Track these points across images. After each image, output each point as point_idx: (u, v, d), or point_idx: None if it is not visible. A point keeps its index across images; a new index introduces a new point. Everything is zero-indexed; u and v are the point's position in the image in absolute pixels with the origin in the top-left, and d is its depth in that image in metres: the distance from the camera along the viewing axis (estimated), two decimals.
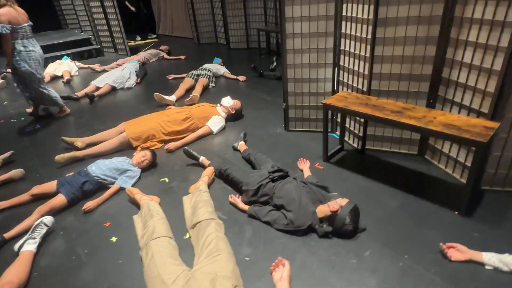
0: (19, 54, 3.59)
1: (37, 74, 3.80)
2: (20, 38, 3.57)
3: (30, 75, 3.73)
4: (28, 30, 3.64)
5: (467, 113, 2.26)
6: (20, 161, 3.21)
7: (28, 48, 3.64)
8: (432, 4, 2.23)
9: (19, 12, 3.55)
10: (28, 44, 3.64)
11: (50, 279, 1.91)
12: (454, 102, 2.35)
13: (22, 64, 3.64)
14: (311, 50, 2.95)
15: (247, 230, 2.15)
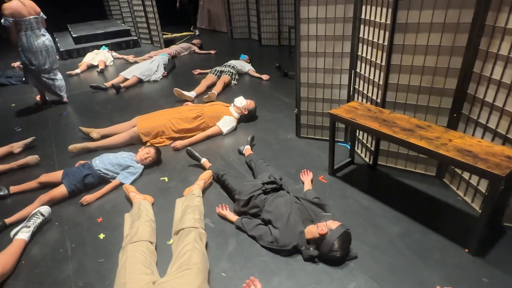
0: (21, 46, 3.85)
1: (40, 65, 4.00)
2: (24, 30, 3.79)
3: (29, 65, 3.96)
4: (34, 22, 3.84)
5: (492, 138, 1.96)
6: (40, 147, 3.37)
7: (30, 40, 3.84)
8: (460, 9, 1.95)
9: (26, 5, 3.75)
10: (31, 35, 3.84)
11: (34, 270, 1.96)
12: (478, 123, 2.05)
13: (22, 54, 3.89)
14: (326, 54, 2.75)
15: (231, 243, 2.06)
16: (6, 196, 2.62)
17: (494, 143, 1.90)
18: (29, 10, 3.80)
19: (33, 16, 3.83)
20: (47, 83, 4.21)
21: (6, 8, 3.67)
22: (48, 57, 4.06)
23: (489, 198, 1.65)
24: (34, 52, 3.92)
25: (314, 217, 2.00)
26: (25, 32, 3.83)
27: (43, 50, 3.98)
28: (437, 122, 2.31)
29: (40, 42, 3.94)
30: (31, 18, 3.81)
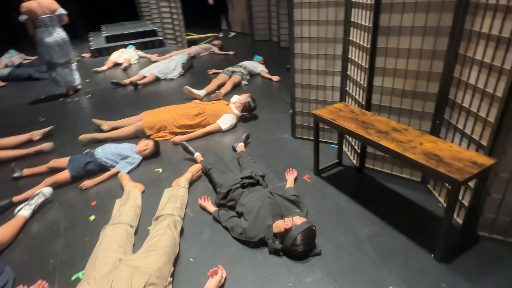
0: (37, 40, 4.39)
1: (52, 58, 4.51)
2: (39, 27, 4.28)
3: (44, 58, 4.53)
4: (47, 20, 4.30)
5: (468, 144, 1.92)
6: (57, 136, 3.68)
7: (43, 35, 4.32)
8: (440, 13, 1.93)
9: (41, 6, 4.20)
10: (44, 32, 4.32)
11: (29, 243, 2.19)
12: (457, 129, 2.01)
13: (38, 48, 4.43)
14: (319, 56, 2.79)
15: (206, 232, 2.17)
16: (20, 177, 2.91)
17: (468, 149, 1.87)
18: (43, 10, 4.22)
19: (46, 15, 4.26)
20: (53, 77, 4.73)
21: (22, 7, 4.17)
22: (60, 52, 4.52)
23: (448, 203, 1.63)
24: (46, 47, 4.39)
25: (284, 212, 2.07)
26: (40, 29, 4.32)
27: (55, 45, 4.44)
28: (421, 127, 2.28)
29: (52, 38, 4.38)
30: (44, 17, 4.25)
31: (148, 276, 1.61)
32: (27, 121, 4.16)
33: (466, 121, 1.92)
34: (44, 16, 4.27)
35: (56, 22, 4.38)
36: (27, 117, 4.32)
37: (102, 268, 1.68)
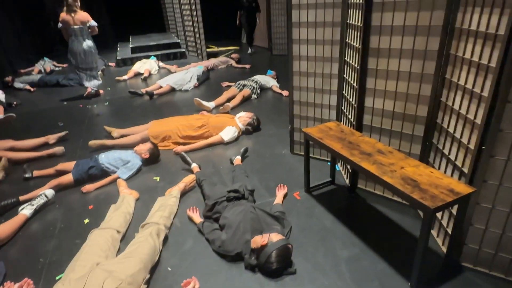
0: (69, 47, 5.03)
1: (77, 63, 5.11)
2: (70, 36, 4.91)
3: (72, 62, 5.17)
4: (78, 31, 4.91)
5: (452, 171, 1.87)
6: (70, 140, 3.90)
7: (73, 44, 4.95)
8: (427, 36, 1.91)
9: (74, 18, 4.78)
10: (74, 40, 4.94)
11: (25, 241, 2.33)
12: (443, 154, 1.96)
13: (68, 53, 5.08)
14: (316, 74, 2.81)
15: (188, 243, 2.22)
16: (30, 178, 3.11)
17: (451, 175, 1.82)
18: (75, 21, 4.81)
19: (77, 26, 4.84)
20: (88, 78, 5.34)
21: (60, 17, 4.82)
22: (85, 59, 5.10)
23: (421, 231, 1.59)
24: (74, 53, 5.03)
25: (265, 228, 2.08)
26: (71, 37, 4.94)
27: (81, 53, 5.03)
28: (411, 150, 2.24)
29: (79, 47, 4.98)
30: (75, 28, 4.85)
31: (119, 281, 1.68)
32: (48, 125, 4.44)
33: (451, 147, 1.87)
34: (75, 27, 4.88)
35: (85, 33, 4.96)
36: (48, 121, 4.61)
37: (80, 270, 1.76)
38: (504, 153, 1.54)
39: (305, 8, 2.63)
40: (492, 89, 1.48)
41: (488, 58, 1.52)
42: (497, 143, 1.53)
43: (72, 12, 4.83)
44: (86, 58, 5.10)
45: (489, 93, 1.50)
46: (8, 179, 3.16)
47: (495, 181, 1.60)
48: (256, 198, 2.61)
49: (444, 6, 1.78)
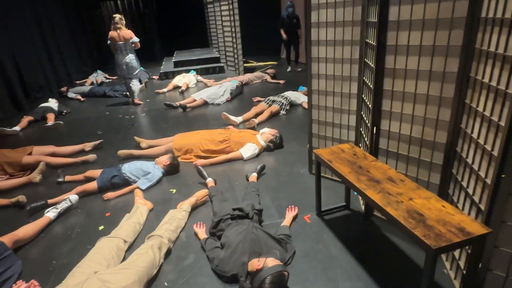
0: (115, 59, 5.77)
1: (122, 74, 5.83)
2: (116, 50, 5.61)
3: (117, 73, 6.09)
4: (122, 46, 5.58)
5: (470, 206, 1.67)
6: (104, 148, 4.16)
7: (118, 57, 5.65)
8: (446, 57, 1.76)
9: (120, 35, 5.44)
10: (119, 55, 5.64)
11: (46, 243, 2.50)
12: (462, 187, 1.76)
13: (115, 65, 5.86)
14: (335, 93, 2.72)
15: (189, 258, 2.22)
16: (62, 182, 3.35)
17: (468, 212, 1.62)
18: (120, 38, 5.43)
19: (122, 42, 5.48)
20: (127, 86, 6.04)
21: (109, 34, 5.54)
22: (127, 70, 5.76)
23: (424, 272, 1.43)
24: (118, 65, 5.75)
25: (264, 251, 2.01)
26: (117, 52, 5.63)
27: (124, 65, 5.72)
28: (430, 179, 2.05)
29: (123, 60, 5.66)
30: (120, 44, 5.48)
31: None
32: (88, 132, 4.79)
33: (469, 179, 1.67)
34: (120, 43, 5.52)
35: (129, 47, 5.59)
36: (90, 129, 4.97)
37: (78, 277, 1.84)
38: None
39: (324, 26, 2.57)
40: (509, 117, 1.30)
41: (506, 83, 1.35)
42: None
43: (118, 29, 5.45)
44: (129, 69, 5.76)
45: (505, 122, 1.33)
46: (44, 182, 3.43)
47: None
48: (265, 218, 2.56)
49: (463, 25, 1.63)
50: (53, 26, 8.20)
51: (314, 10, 2.58)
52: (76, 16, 9.87)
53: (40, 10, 7.65)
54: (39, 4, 7.59)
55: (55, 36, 8.22)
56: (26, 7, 7.11)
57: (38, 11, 7.53)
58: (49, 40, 7.86)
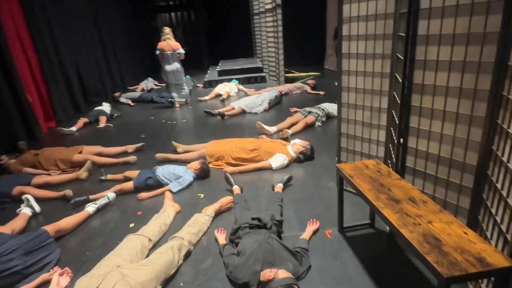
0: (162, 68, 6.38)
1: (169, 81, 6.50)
2: (163, 59, 6.23)
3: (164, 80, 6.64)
4: (170, 56, 6.24)
5: (497, 236, 1.53)
6: (145, 151, 4.44)
7: (165, 65, 6.29)
8: (477, 74, 1.65)
9: (169, 44, 6.01)
10: (166, 62, 6.28)
11: (83, 235, 2.73)
12: (491, 214, 1.63)
13: (162, 73, 6.46)
14: (365, 107, 2.66)
15: (207, 262, 2.29)
16: (104, 180, 3.64)
17: (495, 242, 1.50)
18: (168, 48, 5.99)
19: (170, 52, 6.06)
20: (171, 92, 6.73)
21: (158, 45, 6.17)
22: (174, 77, 6.45)
23: None
24: (166, 73, 6.41)
25: (277, 262, 2.02)
26: (164, 60, 6.26)
27: (171, 73, 6.40)
28: (459, 202, 1.91)
29: (169, 68, 6.33)
30: (168, 53, 6.06)
31: (129, 286, 1.83)
32: (133, 135, 5.15)
33: (498, 205, 1.54)
34: (168, 52, 6.10)
35: (175, 57, 6.18)
36: (135, 132, 5.34)
37: (103, 268, 1.99)
38: None
39: (355, 39, 2.54)
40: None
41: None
42: None
43: (168, 40, 6.03)
44: (175, 76, 6.48)
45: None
46: (89, 178, 3.75)
47: None
48: (285, 229, 2.56)
49: (496, 40, 1.53)
50: (112, 37, 8.97)
51: (345, 24, 2.56)
52: (133, 26, 10.70)
53: (101, 22, 8.43)
54: (100, 17, 8.37)
55: (114, 46, 8.99)
56: (89, 20, 7.89)
57: (99, 23, 8.31)
58: (108, 50, 8.61)
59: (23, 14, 5.58)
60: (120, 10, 9.86)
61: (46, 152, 4.07)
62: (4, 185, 3.38)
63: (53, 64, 6.21)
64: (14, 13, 5.35)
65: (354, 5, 2.45)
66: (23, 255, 2.27)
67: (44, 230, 2.49)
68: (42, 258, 2.36)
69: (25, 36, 5.60)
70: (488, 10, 1.55)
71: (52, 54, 6.17)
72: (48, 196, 3.31)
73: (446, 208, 1.94)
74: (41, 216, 3.07)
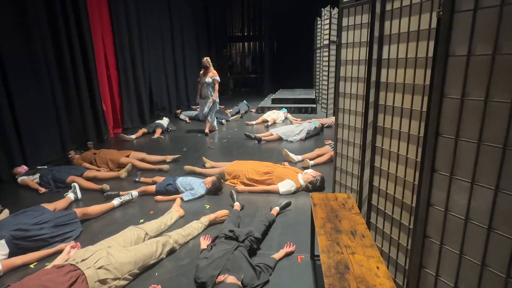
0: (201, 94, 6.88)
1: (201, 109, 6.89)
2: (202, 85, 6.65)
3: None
4: (205, 84, 6.62)
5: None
6: (180, 162, 5.03)
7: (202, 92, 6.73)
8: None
9: (204, 73, 6.52)
10: (203, 90, 6.70)
11: (103, 221, 3.31)
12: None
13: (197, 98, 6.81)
14: (355, 144, 2.78)
15: (184, 260, 2.64)
16: (137, 182, 4.26)
17: (390, 279, 1.55)
18: (205, 75, 6.48)
19: (204, 80, 6.47)
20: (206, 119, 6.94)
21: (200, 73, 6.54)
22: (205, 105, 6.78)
23: None
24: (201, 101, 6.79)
25: (234, 270, 2.25)
26: (203, 86, 6.66)
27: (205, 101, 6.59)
28: (409, 245, 1.94)
29: (204, 94, 6.68)
30: (206, 80, 6.49)
31: (109, 262, 2.27)
32: (177, 148, 5.83)
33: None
34: (204, 79, 6.57)
35: (212, 85, 6.53)
36: (179, 145, 6.03)
37: (98, 246, 2.45)
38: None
39: (349, 81, 2.73)
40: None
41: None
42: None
43: (207, 69, 6.58)
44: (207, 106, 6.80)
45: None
46: (127, 178, 4.42)
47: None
48: (263, 247, 2.77)
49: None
50: (185, 59, 10.22)
51: (342, 66, 2.78)
52: (206, 52, 11.97)
53: (178, 45, 9.70)
54: (177, 41, 9.66)
55: (185, 67, 10.21)
56: (167, 43, 9.16)
57: (175, 47, 9.58)
58: (179, 70, 9.83)
59: (113, 37, 6.86)
60: (197, 36, 11.19)
61: (102, 152, 4.92)
62: (63, 173, 4.22)
63: (129, 81, 7.41)
64: (105, 36, 6.63)
65: (350, 50, 2.67)
66: (52, 227, 2.89)
67: (73, 211, 3.12)
68: (66, 232, 2.96)
69: (111, 55, 6.85)
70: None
71: (129, 72, 7.37)
72: (91, 187, 4.03)
73: (391, 245, 1.99)
74: (81, 202, 3.76)
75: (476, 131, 1.21)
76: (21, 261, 2.58)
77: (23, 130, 4.73)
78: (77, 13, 5.68)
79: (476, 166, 1.22)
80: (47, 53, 5.15)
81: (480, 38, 1.19)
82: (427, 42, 1.67)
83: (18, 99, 4.65)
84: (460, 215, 1.30)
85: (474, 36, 1.20)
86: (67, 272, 2.10)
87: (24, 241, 2.71)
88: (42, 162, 4.90)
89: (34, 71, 4.95)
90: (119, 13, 6.96)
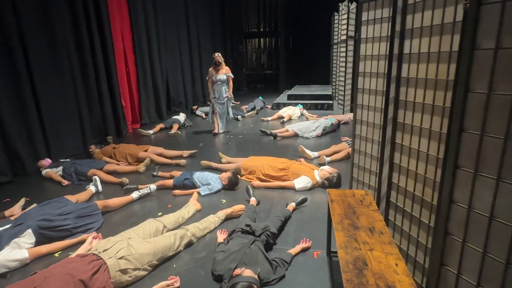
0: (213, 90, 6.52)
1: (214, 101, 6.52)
2: (214, 83, 6.33)
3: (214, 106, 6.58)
4: (218, 81, 6.29)
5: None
6: (196, 157, 5.09)
7: (214, 88, 6.38)
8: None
9: (216, 70, 6.27)
10: (215, 87, 6.36)
11: (122, 213, 3.39)
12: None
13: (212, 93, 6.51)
14: (374, 141, 2.75)
15: (201, 253, 2.68)
16: (155, 176, 4.34)
17: (411, 277, 1.53)
18: (215, 73, 6.25)
19: (219, 76, 6.25)
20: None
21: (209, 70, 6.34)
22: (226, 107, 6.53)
23: None
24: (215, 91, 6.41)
25: (250, 263, 2.28)
26: (215, 84, 6.35)
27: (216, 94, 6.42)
28: (428, 243, 1.91)
29: (216, 88, 6.35)
30: (217, 77, 6.24)
31: (129, 253, 2.33)
32: (194, 143, 5.91)
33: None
34: (217, 77, 6.30)
35: (225, 82, 6.34)
36: (196, 140, 6.11)
37: (118, 237, 2.52)
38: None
39: (368, 76, 2.69)
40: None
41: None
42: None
43: (218, 65, 6.28)
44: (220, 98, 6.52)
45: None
46: (145, 173, 4.52)
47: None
48: (279, 243, 2.78)
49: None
50: (201, 55, 10.29)
51: (361, 61, 2.74)
52: (221, 48, 12.02)
53: (194, 42, 9.77)
54: (193, 38, 9.73)
55: (201, 64, 10.29)
56: (184, 40, 9.25)
57: (192, 43, 9.66)
58: (195, 67, 9.92)
59: (131, 34, 6.98)
60: (212, 32, 11.24)
61: (121, 147, 5.03)
62: (85, 166, 4.35)
63: (147, 77, 7.53)
64: (124, 33, 6.75)
65: (369, 45, 2.64)
66: (75, 218, 2.99)
67: (95, 203, 3.22)
68: (88, 223, 3.05)
69: (130, 52, 6.98)
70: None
71: (147, 69, 7.50)
72: (111, 181, 4.14)
73: (410, 243, 1.97)
74: (102, 195, 3.87)
75: (502, 126, 1.18)
76: (46, 250, 2.68)
77: (47, 125, 4.90)
78: (98, 11, 5.81)
79: (502, 163, 1.19)
80: (70, 51, 5.31)
81: (508, 30, 1.15)
82: (451, 36, 1.63)
83: (43, 95, 4.81)
84: (484, 213, 1.27)
85: (503, 28, 1.16)
86: (90, 261, 2.18)
87: (49, 231, 2.81)
88: (65, 155, 5.07)
89: (58, 69, 5.11)
90: (138, 10, 7.07)
